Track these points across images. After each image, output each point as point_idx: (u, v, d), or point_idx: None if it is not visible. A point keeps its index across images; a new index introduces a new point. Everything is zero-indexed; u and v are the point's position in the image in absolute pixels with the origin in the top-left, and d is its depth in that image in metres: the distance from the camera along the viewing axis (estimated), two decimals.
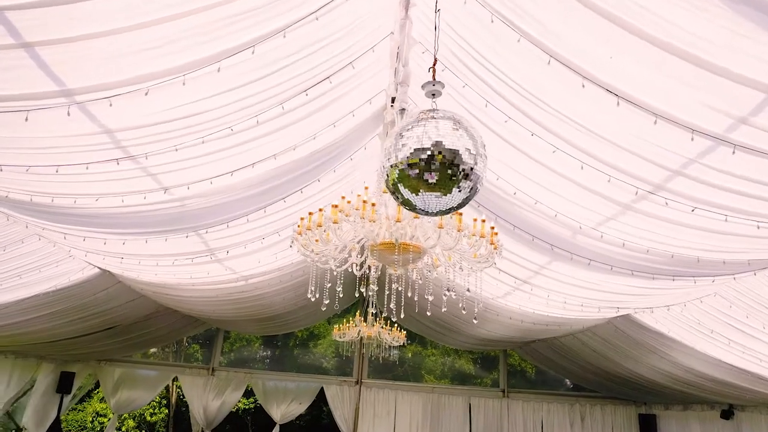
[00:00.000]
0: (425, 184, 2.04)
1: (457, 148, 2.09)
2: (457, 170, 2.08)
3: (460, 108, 4.11)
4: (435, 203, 2.13)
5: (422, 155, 2.04)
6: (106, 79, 3.06)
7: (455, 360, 15.42)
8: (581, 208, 4.34)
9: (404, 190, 2.09)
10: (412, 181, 2.05)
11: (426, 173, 2.03)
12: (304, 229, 3.19)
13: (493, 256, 3.28)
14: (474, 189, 2.19)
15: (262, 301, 8.88)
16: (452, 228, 2.97)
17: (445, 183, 2.06)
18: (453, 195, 2.11)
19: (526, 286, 6.37)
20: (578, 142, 3.62)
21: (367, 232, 2.95)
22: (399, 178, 2.06)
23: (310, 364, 16.13)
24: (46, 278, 7.12)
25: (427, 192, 2.07)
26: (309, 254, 3.26)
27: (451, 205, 2.17)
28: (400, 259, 3.02)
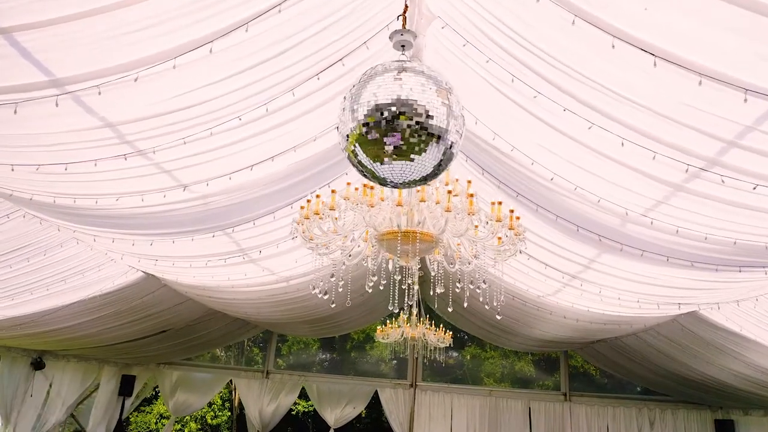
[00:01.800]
0: (386, 150, 1.73)
1: (424, 105, 1.77)
2: (424, 132, 1.75)
3: (485, 84, 3.76)
4: (402, 172, 1.81)
5: (382, 114, 1.73)
6: (96, 66, 2.90)
7: (515, 362, 14.85)
8: (626, 192, 3.90)
9: (366, 159, 1.78)
10: (372, 146, 1.74)
11: (387, 136, 1.72)
12: (303, 218, 2.94)
13: (515, 242, 2.91)
14: (448, 154, 1.86)
15: (306, 303, 8.72)
16: (462, 212, 2.63)
17: (411, 147, 1.74)
18: (423, 160, 1.79)
19: (575, 282, 5.90)
20: (615, 113, 3.21)
21: (369, 218, 2.66)
22: (358, 143, 1.76)
23: (367, 367, 15.91)
24: (90, 282, 7.19)
25: (393, 160, 1.75)
26: (311, 244, 3.00)
27: (422, 173, 1.85)
28: (408, 248, 2.71)
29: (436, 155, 1.80)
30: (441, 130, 1.77)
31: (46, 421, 10.71)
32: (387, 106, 1.73)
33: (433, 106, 1.77)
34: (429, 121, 1.74)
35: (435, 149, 1.78)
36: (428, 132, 1.75)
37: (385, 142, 1.71)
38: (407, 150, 1.73)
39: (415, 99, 1.76)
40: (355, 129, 1.74)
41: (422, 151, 1.76)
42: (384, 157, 1.75)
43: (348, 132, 1.77)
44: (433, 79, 1.85)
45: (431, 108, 1.76)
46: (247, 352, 17.39)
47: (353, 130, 1.75)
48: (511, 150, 4.26)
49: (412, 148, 1.74)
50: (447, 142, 1.81)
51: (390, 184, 1.90)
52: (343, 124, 1.80)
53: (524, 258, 5.85)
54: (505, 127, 4.15)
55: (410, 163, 1.77)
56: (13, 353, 9.85)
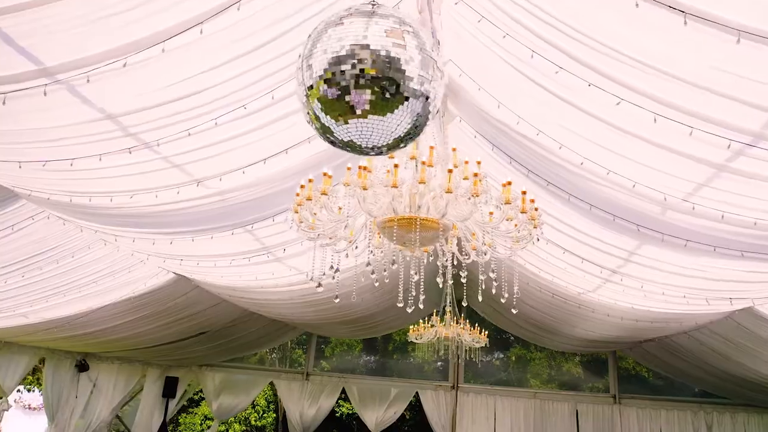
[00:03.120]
0: (352, 109, 1.50)
1: (392, 54, 1.52)
2: (394, 85, 1.51)
3: (501, 63, 3.50)
4: (372, 133, 1.58)
5: (343, 67, 1.50)
6: (84, 53, 2.78)
7: (562, 363, 14.36)
8: (663, 175, 3.56)
9: (329, 122, 1.56)
10: (334, 106, 1.52)
11: (350, 93, 1.49)
12: (297, 205, 2.74)
13: (529, 228, 2.63)
14: (425, 111, 1.61)
15: (338, 303, 8.54)
16: (466, 192, 2.38)
17: (379, 104, 1.51)
18: (395, 119, 1.55)
19: (615, 277, 5.53)
20: (644, 86, 2.90)
21: (364, 203, 2.44)
22: (319, 103, 1.55)
23: (409, 369, 15.64)
24: (121, 284, 7.21)
25: (359, 119, 1.52)
26: (308, 232, 2.81)
27: (395, 133, 1.61)
28: (411, 237, 2.47)
29: (411, 113, 1.56)
30: (415, 84, 1.53)
31: (91, 422, 10.90)
32: (349, 57, 1.50)
33: (404, 55, 1.53)
34: (400, 73, 1.51)
35: (408, 106, 1.55)
36: (398, 85, 1.51)
37: (348, 100, 1.49)
38: (375, 107, 1.50)
39: (383, 47, 1.52)
40: (313, 87, 1.53)
41: (393, 108, 1.52)
42: (349, 118, 1.53)
43: (305, 91, 1.56)
44: (406, 24, 1.61)
45: (402, 58, 1.53)
46: (290, 353, 17.41)
47: (311, 88, 1.53)
48: (537, 134, 3.97)
49: (381, 105, 1.51)
50: (423, 97, 1.57)
51: (360, 149, 1.68)
52: (299, 84, 1.59)
53: (559, 252, 5.53)
54: (528, 110, 3.87)
55: (380, 122, 1.54)
56: (57, 355, 10.04)
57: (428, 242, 2.64)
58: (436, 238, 2.57)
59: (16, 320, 7.40)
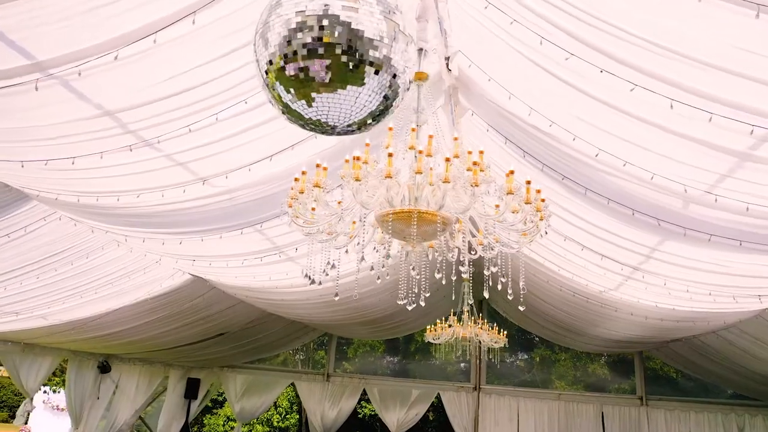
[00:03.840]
0: (314, 83, 1.38)
1: (352, 22, 1.40)
2: (355, 54, 1.39)
3: (510, 51, 3.36)
4: (338, 110, 1.46)
5: (300, 36, 1.38)
6: (76, 47, 2.72)
7: (587, 364, 14.04)
8: (682, 165, 3.38)
9: (292, 101, 1.45)
10: (296, 82, 1.40)
11: (311, 65, 1.37)
12: (292, 199, 2.63)
13: (535, 221, 2.48)
14: (394, 85, 1.49)
15: (356, 303, 8.46)
16: (466, 183, 2.24)
17: (342, 76, 1.39)
18: (360, 94, 1.42)
19: (637, 274, 5.33)
20: (658, 69, 2.74)
21: (358, 195, 2.32)
22: (279, 82, 1.43)
23: (432, 370, 15.47)
24: (138, 285, 7.20)
25: (322, 93, 1.40)
26: (305, 228, 2.70)
27: (363, 111, 1.48)
28: (410, 231, 2.34)
29: (379, 85, 1.44)
30: (380, 53, 1.42)
31: (114, 423, 10.97)
32: (305, 26, 1.39)
33: (366, 22, 1.41)
34: (361, 41, 1.39)
35: (375, 79, 1.43)
36: (360, 54, 1.39)
37: (309, 73, 1.38)
38: (338, 78, 1.38)
39: (342, 14, 1.40)
40: (272, 63, 1.42)
41: (358, 80, 1.40)
42: (312, 93, 1.42)
43: (265, 68, 1.45)
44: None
45: (367, 27, 1.41)
46: (312, 355, 17.36)
47: (270, 65, 1.42)
48: (549, 126, 3.82)
49: (344, 76, 1.39)
50: (390, 70, 1.45)
51: (328, 128, 1.56)
52: (257, 62, 1.48)
53: (578, 249, 5.35)
54: (539, 100, 3.72)
55: (345, 96, 1.43)
56: (79, 357, 10.11)
57: (429, 237, 2.52)
58: (438, 232, 2.45)
59: (35, 322, 7.45)
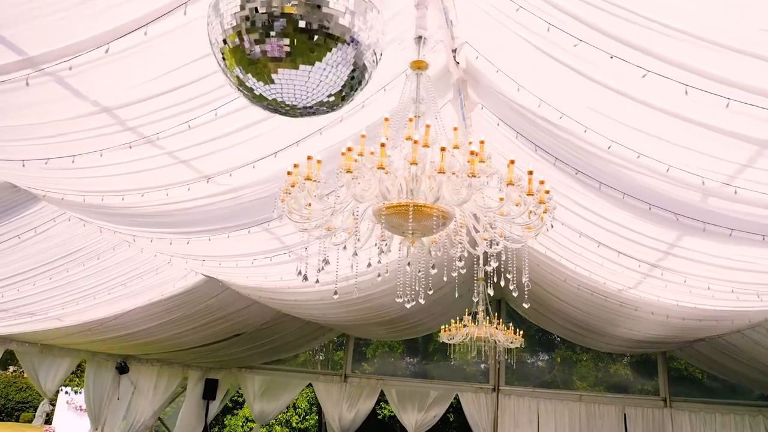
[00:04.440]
0: (273, 60, 1.28)
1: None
2: (317, 27, 1.28)
3: (517, 39, 3.23)
4: (301, 89, 1.35)
5: (257, 13, 1.28)
6: (68, 41, 2.66)
7: (609, 364, 13.76)
8: (699, 155, 3.22)
9: (253, 82, 1.35)
10: (254, 59, 1.30)
11: (268, 40, 1.27)
12: (285, 193, 2.54)
13: (538, 213, 2.35)
14: (361, 62, 1.38)
15: (370, 303, 8.37)
16: (463, 173, 2.12)
17: (303, 51, 1.29)
18: (324, 71, 1.32)
19: (656, 272, 5.15)
20: (671, 53, 2.60)
21: (353, 188, 2.22)
22: (237, 63, 1.34)
23: (452, 371, 15.29)
24: (151, 286, 7.19)
25: (282, 70, 1.30)
26: (300, 223, 2.61)
27: (328, 89, 1.38)
28: (406, 224, 2.23)
29: (344, 63, 1.34)
30: (343, 24, 1.31)
31: (133, 423, 11.02)
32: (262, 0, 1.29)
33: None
34: (326, 14, 1.29)
35: (339, 54, 1.32)
36: (322, 27, 1.29)
37: (267, 51, 1.28)
38: (299, 54, 1.28)
39: None
40: (227, 42, 1.32)
41: (321, 55, 1.30)
42: (272, 72, 1.32)
43: (219, 47, 1.35)
44: None
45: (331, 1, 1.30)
46: (332, 355, 17.31)
47: (226, 44, 1.33)
48: (560, 118, 3.68)
49: (306, 54, 1.29)
50: (356, 45, 1.35)
51: (290, 109, 1.46)
52: (211, 41, 1.39)
53: (594, 246, 5.19)
54: (549, 91, 3.59)
55: (306, 73, 1.33)
56: (98, 358, 10.17)
57: (429, 231, 2.41)
58: (437, 226, 2.34)
59: (50, 323, 7.48)
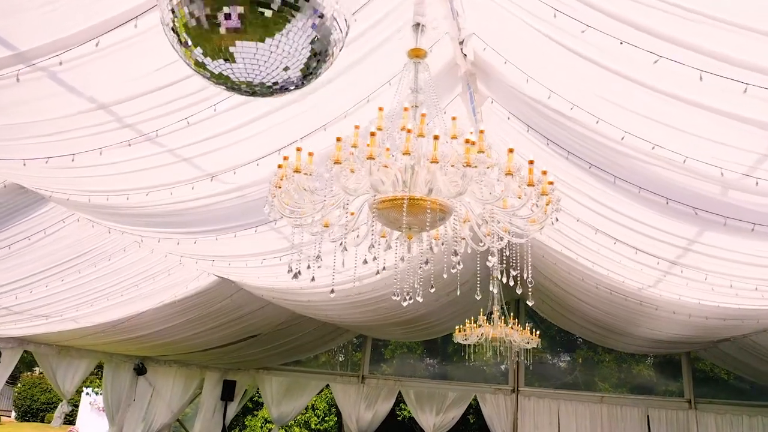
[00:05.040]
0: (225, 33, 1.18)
1: None
2: None
3: (523, 27, 3.11)
4: (259, 63, 1.25)
5: None
6: (57, 35, 2.60)
7: (632, 365, 13.46)
8: (717, 145, 3.06)
9: (205, 57, 1.26)
10: (207, 33, 1.21)
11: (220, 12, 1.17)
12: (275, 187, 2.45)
13: (540, 205, 2.21)
14: (322, 29, 1.27)
15: (384, 303, 8.25)
16: (458, 163, 2.00)
17: (258, 22, 1.19)
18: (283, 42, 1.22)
19: (675, 269, 4.97)
20: (685, 36, 2.46)
21: (342, 180, 2.12)
22: (190, 37, 1.24)
23: (472, 372, 15.09)
24: (164, 287, 7.17)
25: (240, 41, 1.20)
26: (290, 217, 2.52)
27: (287, 61, 1.28)
28: (402, 218, 2.12)
29: (303, 32, 1.24)
30: None
31: (151, 424, 11.05)
32: None
33: None
34: None
35: (299, 23, 1.22)
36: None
37: (220, 21, 1.19)
38: (253, 26, 1.18)
39: None
40: (175, 13, 1.23)
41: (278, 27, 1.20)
42: (228, 47, 1.22)
43: (170, 21, 1.26)
44: None
45: None
46: (351, 357, 17.24)
47: (175, 18, 1.24)
48: (571, 109, 3.54)
49: (262, 25, 1.19)
50: (317, 14, 1.24)
51: (253, 88, 1.37)
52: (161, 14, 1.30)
53: (610, 242, 5.03)
54: (558, 81, 3.46)
55: (266, 48, 1.22)
56: (116, 359, 10.22)
57: (424, 225, 2.30)
58: (436, 220, 2.22)
59: (66, 325, 7.50)
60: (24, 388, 24.51)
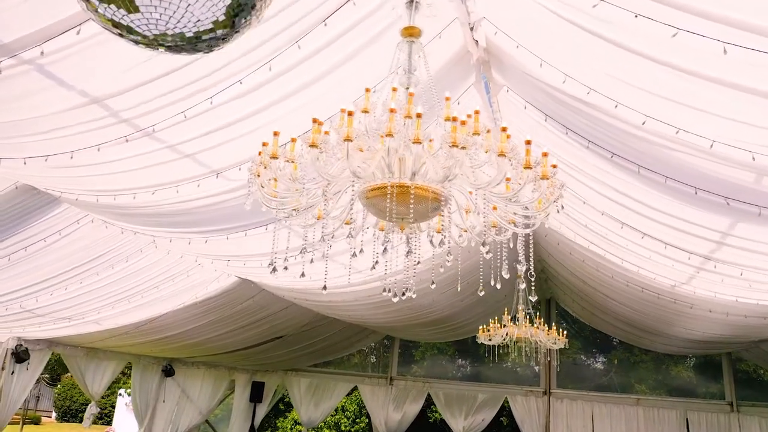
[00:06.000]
0: None
1: None
2: None
3: (532, 4, 2.91)
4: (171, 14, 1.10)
5: None
6: (37, 25, 2.51)
7: (671, 367, 12.97)
8: (745, 126, 2.81)
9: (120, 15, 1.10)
10: None
11: None
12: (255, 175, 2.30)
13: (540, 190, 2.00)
14: None
15: (410, 303, 8.06)
16: (445, 143, 1.82)
17: None
18: None
19: (708, 264, 4.68)
20: (705, 5, 2.23)
21: (320, 164, 1.96)
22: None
23: (504, 373, 14.78)
24: (183, 289, 7.14)
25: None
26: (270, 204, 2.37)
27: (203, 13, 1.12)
28: (391, 207, 1.93)
29: None
30: None
31: (179, 426, 11.09)
32: None
33: None
34: None
35: None
36: None
37: None
38: None
39: None
40: None
41: None
42: None
43: None
44: None
45: None
46: (382, 358, 17.09)
47: None
48: (587, 93, 3.32)
49: None
50: None
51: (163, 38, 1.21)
52: None
53: (637, 236, 4.76)
54: (572, 63, 3.24)
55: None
56: (143, 361, 10.27)
57: (420, 216, 2.12)
58: (428, 210, 2.04)
59: (89, 327, 7.53)
60: (63, 390, 25.06)
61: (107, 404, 23.59)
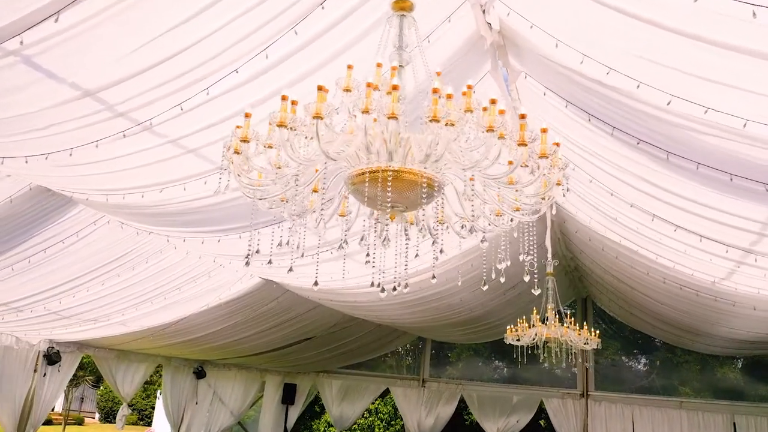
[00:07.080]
0: None
1: None
2: None
3: None
4: None
5: None
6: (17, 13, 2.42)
7: (716, 368, 12.38)
8: None
9: None
10: None
11: None
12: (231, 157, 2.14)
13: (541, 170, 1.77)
14: None
15: (436, 303, 7.88)
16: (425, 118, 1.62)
17: None
18: None
19: (749, 258, 4.35)
20: None
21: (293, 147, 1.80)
22: None
23: (541, 375, 14.36)
24: (206, 290, 7.09)
25: None
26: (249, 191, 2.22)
27: None
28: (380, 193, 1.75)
29: None
30: None
31: (211, 428, 11.11)
32: None
33: None
34: None
35: None
36: None
37: None
38: None
39: None
40: None
41: None
42: None
43: None
44: None
45: None
46: (416, 359, 16.87)
47: None
48: (607, 73, 3.08)
49: None
50: None
51: None
52: None
53: (670, 229, 4.46)
54: (589, 42, 3.01)
55: None
56: (174, 363, 10.31)
57: (411, 203, 1.93)
58: (418, 197, 1.85)
59: (115, 329, 7.56)
60: (106, 391, 25.61)
61: (147, 406, 23.99)
